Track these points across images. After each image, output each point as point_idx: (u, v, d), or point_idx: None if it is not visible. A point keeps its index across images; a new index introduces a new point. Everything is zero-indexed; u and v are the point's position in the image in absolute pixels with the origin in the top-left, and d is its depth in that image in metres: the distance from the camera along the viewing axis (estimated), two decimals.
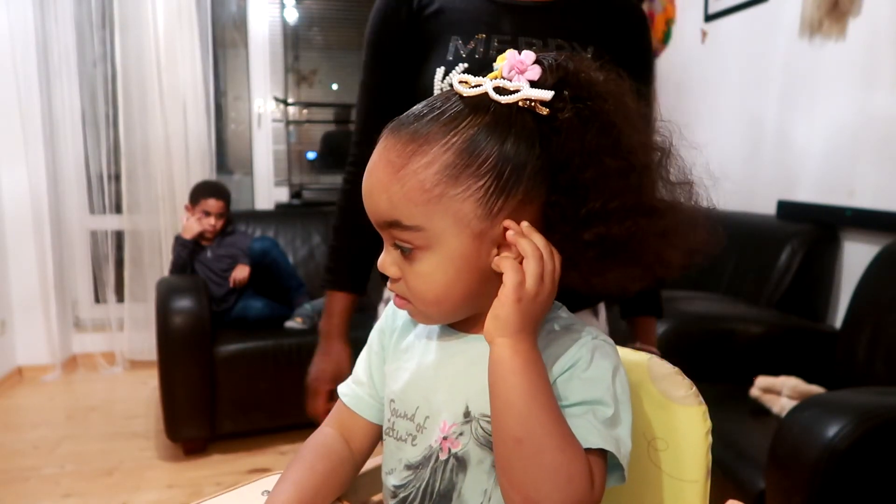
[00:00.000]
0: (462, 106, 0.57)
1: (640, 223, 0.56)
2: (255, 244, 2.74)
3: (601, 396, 0.56)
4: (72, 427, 2.70)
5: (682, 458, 0.65)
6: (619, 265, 0.58)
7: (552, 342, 0.60)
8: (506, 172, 0.55)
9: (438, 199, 0.55)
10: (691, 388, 0.65)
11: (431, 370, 0.64)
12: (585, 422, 0.55)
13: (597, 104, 0.56)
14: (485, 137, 0.55)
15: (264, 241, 2.80)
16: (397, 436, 0.66)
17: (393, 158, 0.56)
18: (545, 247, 0.55)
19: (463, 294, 0.59)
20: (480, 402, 0.59)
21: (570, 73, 0.57)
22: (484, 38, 0.91)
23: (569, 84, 0.56)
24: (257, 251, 2.71)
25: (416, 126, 0.56)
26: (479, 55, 0.91)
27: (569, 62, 0.58)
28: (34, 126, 3.12)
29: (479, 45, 0.91)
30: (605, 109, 0.56)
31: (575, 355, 0.58)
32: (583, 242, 0.56)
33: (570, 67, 0.57)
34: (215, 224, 2.76)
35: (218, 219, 2.77)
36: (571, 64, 0.58)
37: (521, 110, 0.56)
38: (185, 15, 3.19)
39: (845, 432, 1.22)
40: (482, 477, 0.60)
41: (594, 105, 0.56)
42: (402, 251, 0.58)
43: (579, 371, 0.57)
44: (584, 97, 0.56)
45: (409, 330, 0.69)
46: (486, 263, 0.57)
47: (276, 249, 2.80)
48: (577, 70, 0.57)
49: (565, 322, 0.62)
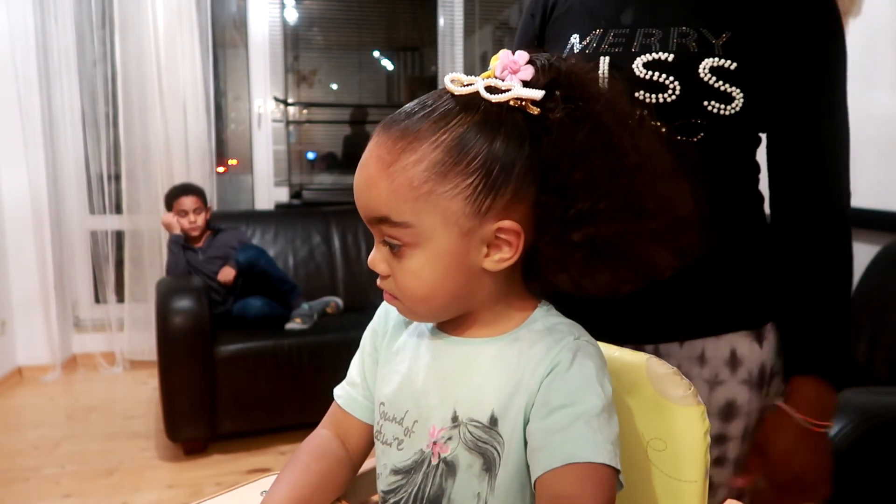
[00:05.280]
0: (453, 104, 0.57)
1: (629, 224, 0.56)
2: (239, 256, 2.68)
3: (586, 396, 0.55)
4: (72, 427, 2.70)
5: (680, 459, 0.65)
6: (608, 267, 0.58)
7: (535, 343, 0.60)
8: (494, 171, 0.55)
9: (427, 197, 0.55)
10: (690, 389, 0.65)
11: (421, 374, 0.63)
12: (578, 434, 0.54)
13: (588, 105, 0.56)
14: (474, 136, 0.55)
15: (248, 252, 2.71)
16: (384, 440, 0.66)
17: (383, 155, 0.56)
18: None
19: (451, 292, 0.59)
20: (468, 406, 0.59)
21: (562, 73, 0.57)
22: (600, 33, 0.84)
23: (561, 84, 0.56)
24: (243, 263, 2.65)
25: (407, 123, 0.56)
26: (591, 51, 0.83)
27: (561, 62, 0.58)
28: (34, 126, 3.12)
29: (594, 40, 0.84)
30: (596, 111, 0.56)
31: (557, 357, 0.57)
32: (571, 243, 0.56)
33: (562, 68, 0.57)
34: (195, 220, 2.75)
35: (196, 214, 2.76)
36: (564, 64, 0.58)
37: (512, 109, 0.56)
38: (185, 15, 3.19)
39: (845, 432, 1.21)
40: (472, 481, 0.59)
41: (585, 106, 0.56)
42: (391, 248, 0.58)
43: (561, 371, 0.57)
44: (576, 98, 0.56)
45: (400, 331, 0.69)
46: (475, 262, 0.58)
47: (263, 258, 2.74)
48: (569, 70, 0.57)
49: (550, 323, 0.62)
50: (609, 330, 0.83)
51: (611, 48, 0.82)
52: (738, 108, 0.76)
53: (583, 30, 0.86)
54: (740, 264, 0.84)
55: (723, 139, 0.79)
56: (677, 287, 0.80)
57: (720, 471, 0.83)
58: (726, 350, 0.82)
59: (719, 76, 0.76)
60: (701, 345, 0.83)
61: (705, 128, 0.78)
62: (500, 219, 0.56)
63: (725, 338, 0.82)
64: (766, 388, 0.84)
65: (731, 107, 0.76)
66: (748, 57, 0.76)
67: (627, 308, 0.82)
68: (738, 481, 0.83)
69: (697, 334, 0.83)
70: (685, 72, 0.76)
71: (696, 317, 0.83)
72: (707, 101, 0.76)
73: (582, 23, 0.87)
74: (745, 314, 0.84)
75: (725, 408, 0.82)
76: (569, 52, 0.86)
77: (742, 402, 0.82)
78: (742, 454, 0.83)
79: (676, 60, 0.77)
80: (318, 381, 2.37)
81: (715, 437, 0.81)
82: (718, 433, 0.82)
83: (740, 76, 0.76)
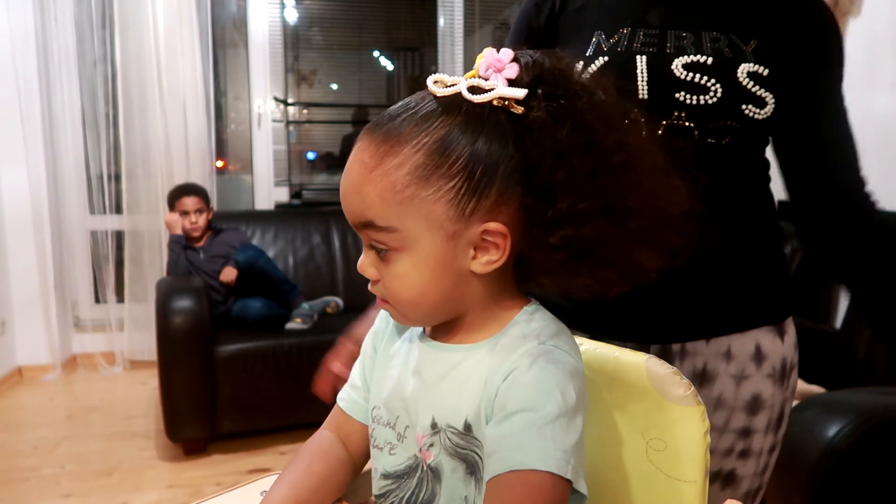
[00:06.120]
0: (435, 106, 0.56)
1: (610, 226, 0.55)
2: (238, 256, 2.68)
3: (542, 402, 0.53)
4: (72, 427, 2.70)
5: (680, 459, 0.65)
6: (589, 269, 0.56)
7: (506, 349, 0.58)
8: (477, 173, 0.54)
9: (410, 201, 0.54)
10: (689, 388, 0.65)
11: (410, 380, 0.63)
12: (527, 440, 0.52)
13: (570, 102, 0.55)
14: (456, 137, 0.54)
15: (247, 252, 2.71)
16: (375, 444, 0.66)
17: (366, 159, 0.56)
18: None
19: (439, 296, 0.58)
20: (446, 413, 0.59)
21: (545, 70, 0.56)
22: (628, 32, 0.83)
23: (544, 82, 0.55)
24: (242, 264, 2.66)
25: (389, 126, 0.56)
26: (623, 48, 0.83)
27: (545, 59, 0.56)
28: (34, 126, 3.12)
29: (623, 38, 0.83)
30: (578, 108, 0.54)
31: (516, 362, 0.56)
32: (550, 246, 0.55)
33: (546, 65, 0.56)
34: (196, 220, 2.76)
35: (197, 214, 2.77)
36: (548, 61, 0.56)
37: (495, 109, 0.55)
38: (185, 15, 3.19)
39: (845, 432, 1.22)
40: (458, 486, 0.59)
41: (568, 103, 0.54)
42: (378, 252, 0.58)
43: (518, 376, 0.55)
44: (559, 95, 0.55)
45: (396, 336, 0.69)
46: (463, 265, 0.57)
47: (262, 258, 2.74)
48: (552, 67, 0.56)
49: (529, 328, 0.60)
50: (634, 330, 0.84)
51: (644, 47, 0.82)
52: (770, 112, 0.79)
53: (607, 28, 0.85)
54: (761, 261, 0.86)
55: (749, 142, 0.82)
56: (702, 286, 0.83)
57: (745, 463, 0.86)
58: (752, 345, 0.84)
59: (756, 81, 0.78)
60: (727, 341, 0.84)
61: (736, 131, 0.80)
62: (486, 221, 0.55)
63: (750, 333, 0.85)
64: (786, 380, 0.87)
65: (765, 111, 0.78)
66: (777, 63, 0.79)
67: (652, 308, 0.84)
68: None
69: (724, 331, 0.85)
70: (726, 75, 0.78)
71: (722, 314, 0.85)
72: (745, 105, 0.78)
73: (604, 21, 0.86)
74: (769, 310, 0.86)
75: (752, 402, 0.85)
76: (594, 50, 0.85)
77: (767, 396, 0.85)
78: (764, 445, 0.86)
79: (715, 63, 0.78)
80: None
81: (740, 431, 0.85)
82: (744, 426, 0.85)
83: (773, 82, 0.78)
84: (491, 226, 0.55)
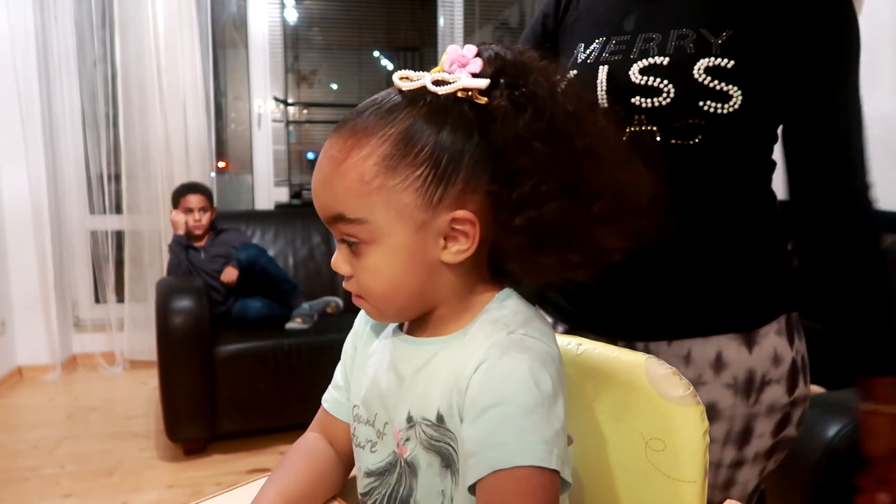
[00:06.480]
0: (400, 99, 0.57)
1: (573, 206, 0.55)
2: (240, 254, 2.69)
3: (515, 394, 0.52)
4: (72, 427, 2.71)
5: (679, 459, 0.65)
6: (554, 249, 0.57)
7: (476, 339, 0.58)
8: (443, 161, 0.55)
9: (378, 191, 0.55)
10: (689, 389, 0.65)
11: (384, 376, 0.63)
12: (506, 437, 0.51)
13: (531, 89, 0.56)
14: (421, 127, 0.55)
15: (249, 251, 2.72)
16: (357, 442, 0.66)
17: (335, 154, 0.57)
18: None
19: (412, 288, 0.59)
20: (421, 406, 0.59)
21: (507, 62, 0.57)
22: (602, 42, 0.84)
23: (506, 73, 0.57)
24: (245, 262, 2.66)
25: (357, 121, 0.57)
26: (592, 60, 0.84)
27: (507, 52, 0.58)
28: (34, 126, 3.12)
29: (596, 49, 0.85)
30: (539, 94, 0.56)
31: (486, 353, 0.55)
32: (514, 228, 0.56)
33: (507, 57, 0.58)
34: (200, 219, 2.78)
35: (201, 213, 2.78)
36: (510, 53, 0.58)
37: (459, 101, 0.56)
38: (185, 15, 3.19)
39: (845, 432, 1.22)
40: (434, 479, 0.59)
41: (529, 91, 0.56)
42: (350, 247, 0.59)
43: (489, 368, 0.54)
44: (520, 84, 0.56)
45: (375, 334, 0.69)
46: (434, 255, 0.58)
47: (264, 257, 2.75)
48: (514, 59, 0.58)
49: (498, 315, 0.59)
50: (601, 326, 0.84)
51: (611, 56, 0.83)
52: (737, 105, 0.76)
53: (588, 39, 0.87)
54: (737, 265, 0.83)
55: (723, 138, 0.79)
56: (669, 287, 0.82)
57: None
58: (712, 352, 0.82)
59: (715, 76, 0.76)
60: (688, 345, 0.83)
61: (704, 128, 0.78)
62: (454, 209, 0.56)
63: (713, 340, 0.82)
64: (754, 395, 0.82)
65: (729, 105, 0.76)
66: (748, 54, 0.76)
67: (619, 305, 0.84)
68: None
69: (685, 334, 0.83)
70: (679, 74, 0.77)
71: (684, 317, 0.83)
72: (703, 102, 0.76)
73: (588, 32, 0.88)
74: (734, 317, 0.83)
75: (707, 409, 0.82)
76: (572, 63, 0.86)
77: (724, 406, 0.82)
78: (723, 458, 0.84)
79: (671, 63, 0.78)
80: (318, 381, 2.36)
81: None
82: None
83: (738, 74, 0.76)
84: (459, 213, 0.56)
